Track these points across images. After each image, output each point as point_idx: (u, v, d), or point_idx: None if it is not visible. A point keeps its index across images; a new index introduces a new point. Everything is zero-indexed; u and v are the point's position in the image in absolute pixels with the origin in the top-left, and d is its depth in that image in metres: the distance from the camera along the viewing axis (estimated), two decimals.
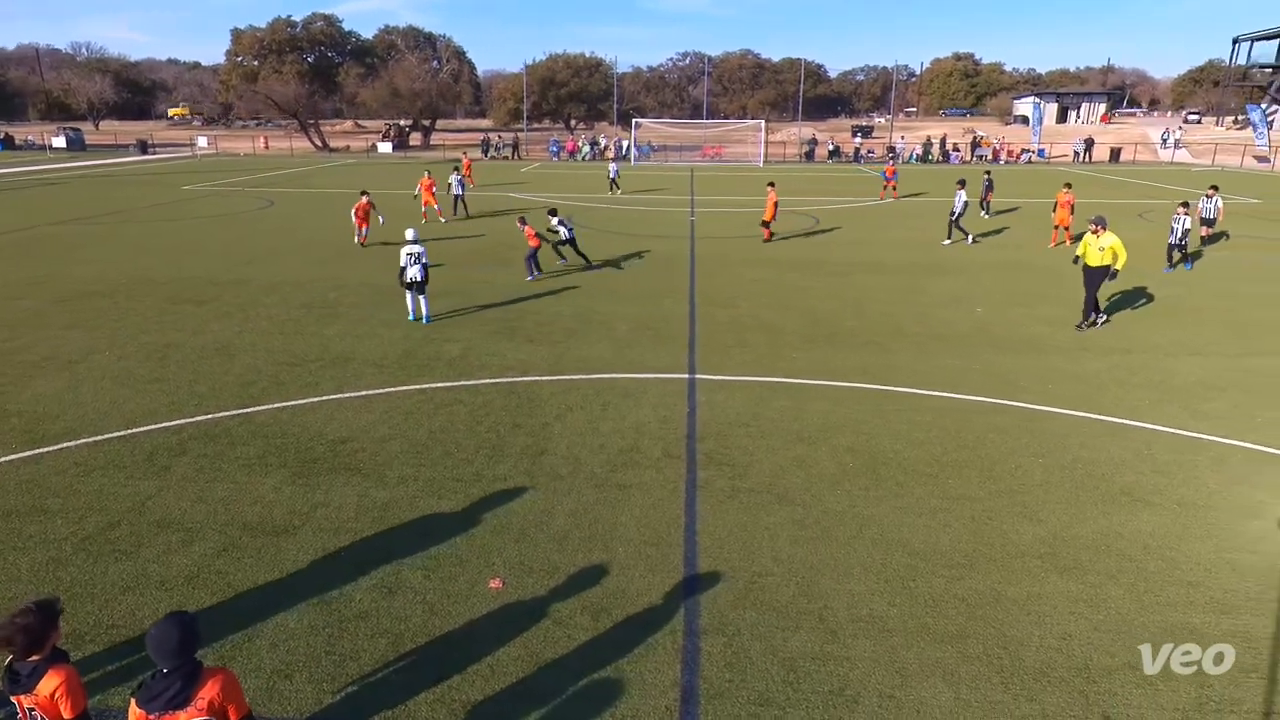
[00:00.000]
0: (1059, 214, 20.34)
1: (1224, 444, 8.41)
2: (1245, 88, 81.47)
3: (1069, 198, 20.25)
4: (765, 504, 7.14)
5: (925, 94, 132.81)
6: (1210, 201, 19.31)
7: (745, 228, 23.81)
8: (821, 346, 11.91)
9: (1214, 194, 19.46)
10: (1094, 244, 12.66)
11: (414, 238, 12.95)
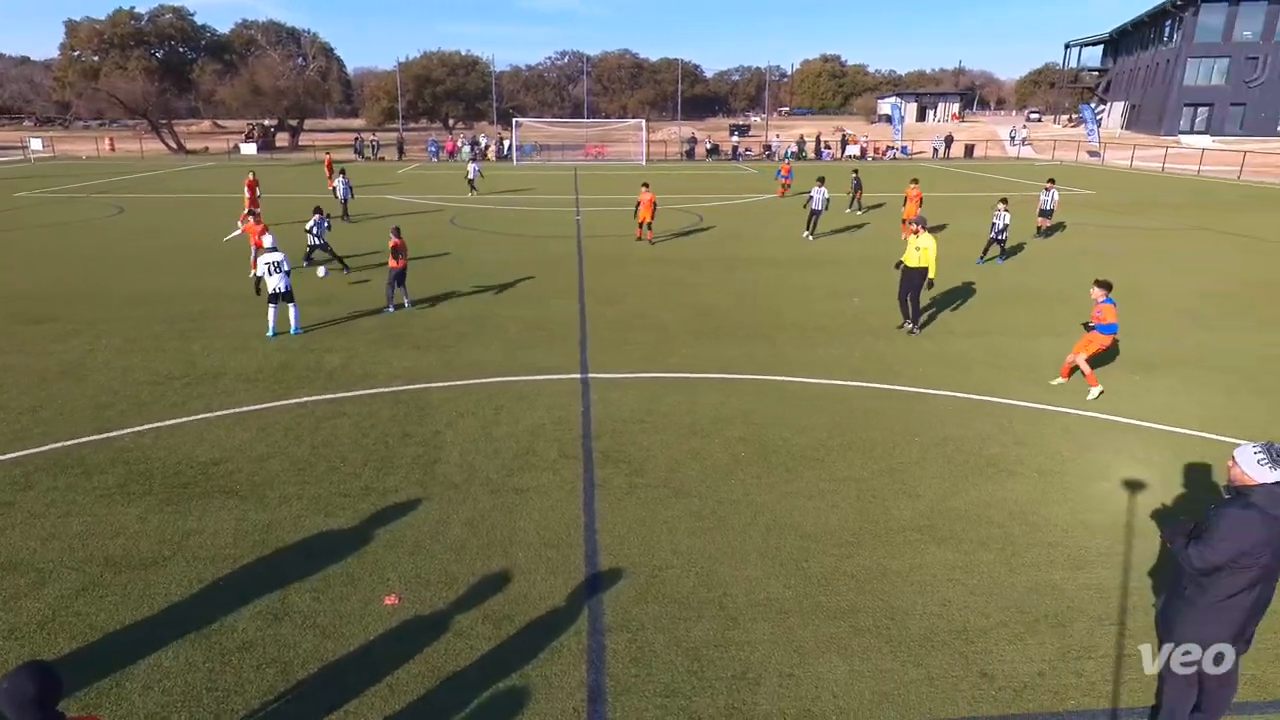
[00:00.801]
0: (908, 208, 21.20)
1: (1073, 414, 9.21)
2: (1077, 89, 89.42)
3: (917, 193, 21.27)
4: (663, 498, 7.24)
5: (797, 94, 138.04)
6: (1048, 194, 21.06)
7: (632, 226, 24.02)
8: (711, 340, 12.18)
9: (1051, 186, 21.23)
10: (913, 244, 12.29)
11: (272, 244, 12.25)
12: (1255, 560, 3.83)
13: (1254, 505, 3.84)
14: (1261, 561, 3.85)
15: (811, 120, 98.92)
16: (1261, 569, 3.87)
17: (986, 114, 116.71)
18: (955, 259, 18.50)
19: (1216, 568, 3.90)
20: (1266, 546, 3.82)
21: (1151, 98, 69.24)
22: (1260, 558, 3.84)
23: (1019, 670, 5.05)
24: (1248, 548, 3.82)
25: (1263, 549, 3.82)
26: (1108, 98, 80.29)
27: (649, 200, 20.54)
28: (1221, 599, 3.95)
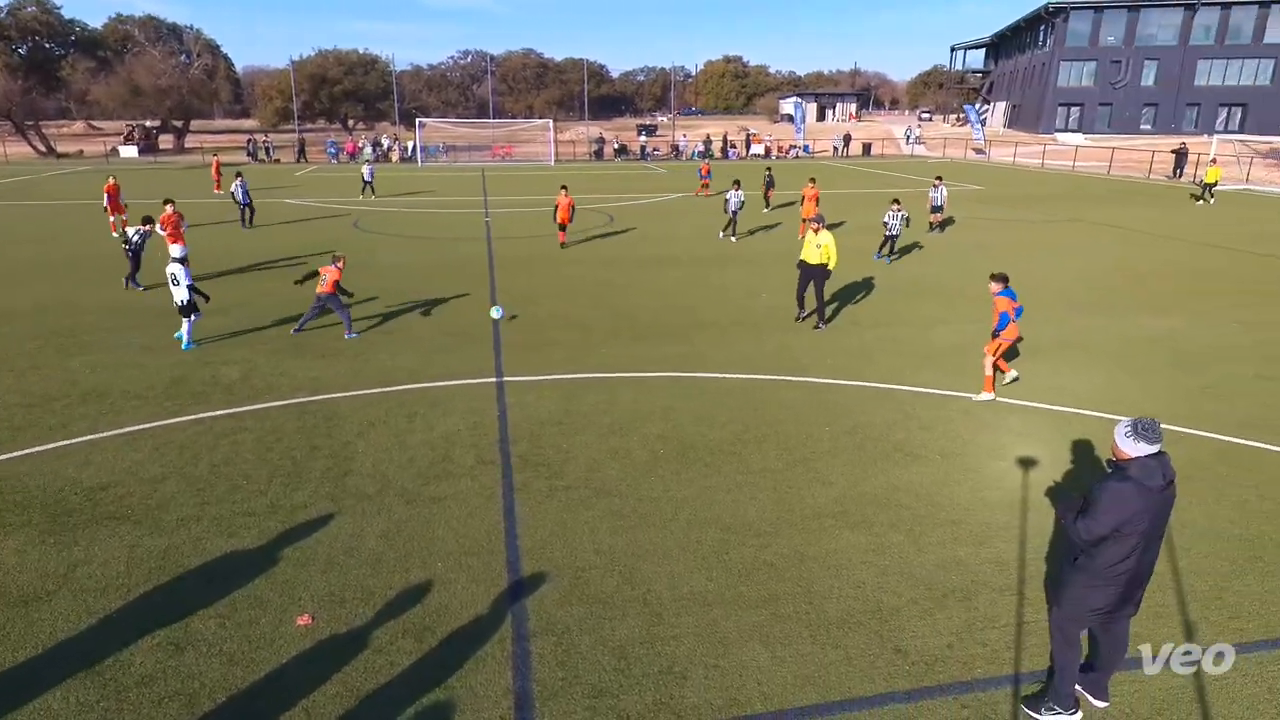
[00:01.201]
0: (805, 207, 21.34)
1: (971, 398, 9.71)
2: (964, 89, 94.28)
3: (814, 191, 21.57)
4: (584, 499, 7.22)
5: (702, 94, 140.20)
6: (937, 190, 22.13)
7: (543, 227, 23.83)
8: (627, 340, 12.23)
9: (940, 183, 22.32)
10: (812, 241, 12.55)
11: (179, 255, 11.59)
12: (1135, 528, 4.12)
13: (1130, 478, 4.12)
14: (1140, 529, 4.14)
15: (717, 120, 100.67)
16: (1140, 536, 4.16)
17: (882, 114, 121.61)
18: (858, 253, 19.23)
19: (1102, 538, 4.18)
20: (1144, 515, 4.11)
21: (1030, 98, 73.74)
22: (1139, 525, 4.12)
23: (930, 644, 5.29)
24: (1127, 517, 4.10)
25: (1141, 517, 4.11)
26: (991, 98, 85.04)
27: (567, 203, 20.19)
28: (1108, 566, 4.23)
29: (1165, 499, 4.17)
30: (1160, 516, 4.20)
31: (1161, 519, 4.22)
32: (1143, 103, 66.86)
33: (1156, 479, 4.09)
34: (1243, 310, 13.92)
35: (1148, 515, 4.12)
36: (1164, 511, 4.21)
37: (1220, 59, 64.29)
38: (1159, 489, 4.10)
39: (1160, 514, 4.19)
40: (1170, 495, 4.19)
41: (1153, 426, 4.15)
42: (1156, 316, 13.48)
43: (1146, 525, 4.15)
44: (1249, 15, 62.98)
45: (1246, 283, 16.24)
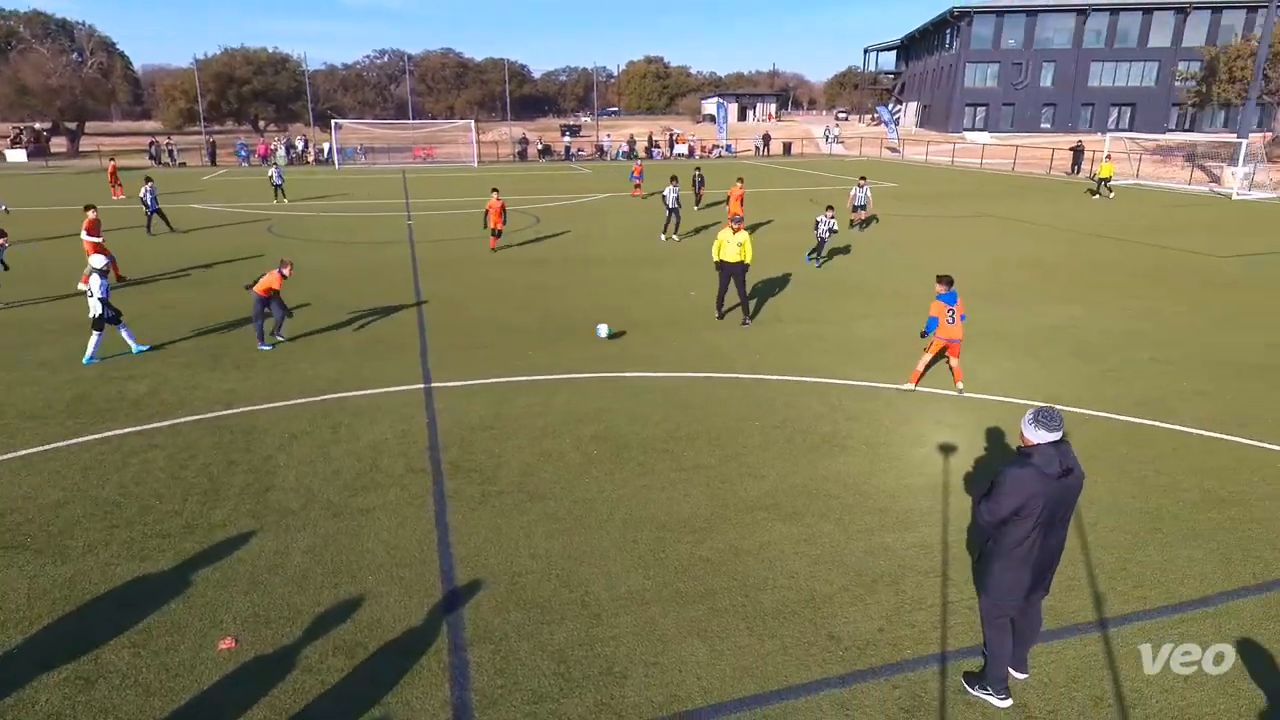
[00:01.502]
0: (731, 206, 21.46)
1: (893, 389, 10.04)
2: (877, 90, 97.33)
3: (740, 191, 21.81)
4: (518, 503, 7.14)
5: (624, 94, 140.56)
6: (861, 190, 22.82)
7: (468, 228, 23.46)
8: (557, 341, 12.16)
9: (864, 183, 23.02)
10: (731, 240, 12.69)
11: (99, 266, 10.93)
12: (1032, 512, 4.30)
13: (1031, 464, 4.31)
14: (1039, 513, 4.31)
15: (640, 120, 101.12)
16: (1040, 519, 4.32)
17: (800, 114, 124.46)
18: (785, 250, 19.64)
19: (1003, 520, 4.39)
20: (1042, 499, 4.29)
21: (939, 98, 76.72)
22: (1037, 509, 4.29)
23: (861, 629, 5.45)
24: (1025, 501, 4.29)
25: (1039, 501, 4.28)
26: (903, 98, 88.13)
27: (499, 206, 19.49)
28: (1013, 548, 4.41)
29: (1064, 486, 4.34)
30: (1061, 502, 4.36)
31: (1063, 505, 4.39)
32: (1042, 103, 70.39)
33: (1054, 466, 4.28)
34: (1136, 299, 14.82)
35: (1046, 500, 4.29)
36: (1065, 498, 4.37)
37: (1110, 61, 68.32)
38: (1056, 476, 4.29)
39: (1061, 500, 4.35)
40: (1071, 482, 4.37)
41: (1052, 415, 4.36)
42: (1059, 305, 14.22)
43: (1046, 510, 4.31)
44: (1134, 21, 67.13)
45: (1139, 272, 17.30)
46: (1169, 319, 13.35)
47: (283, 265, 11.72)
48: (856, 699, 4.81)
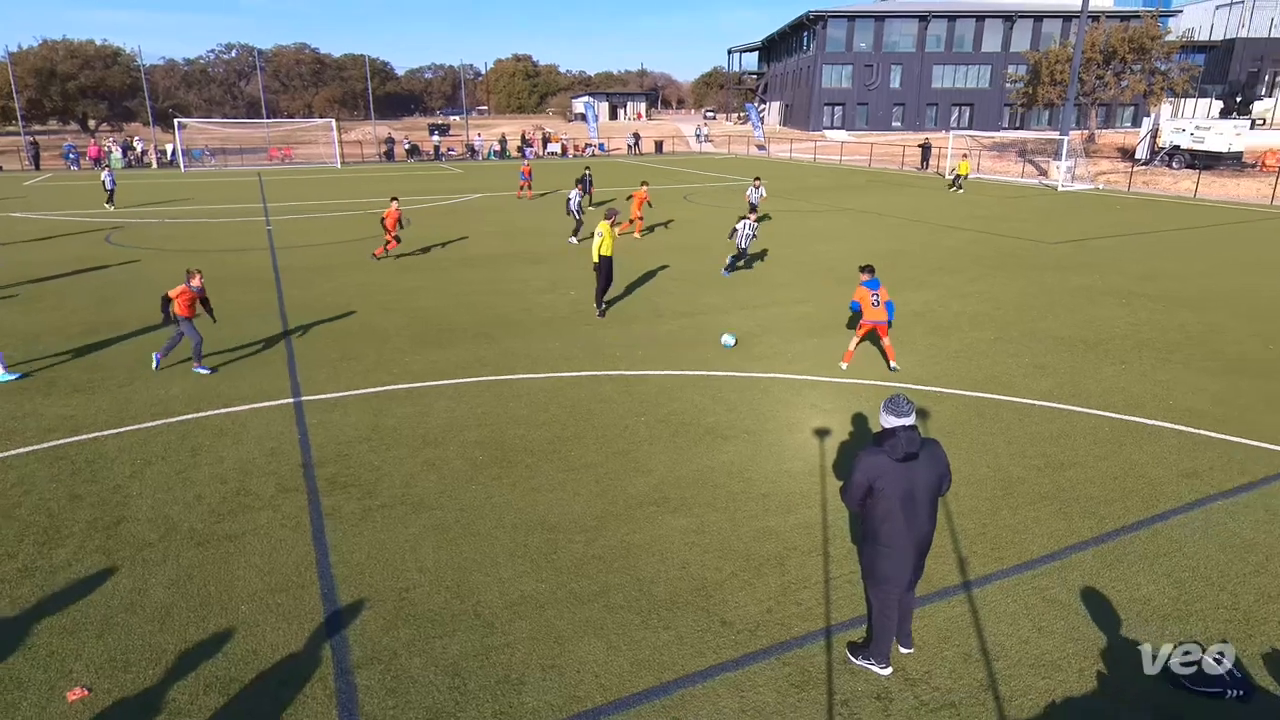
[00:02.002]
0: (633, 207, 22.03)
1: (770, 378, 10.42)
2: (742, 90, 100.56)
3: (643, 194, 22.24)
4: (402, 516, 6.90)
5: (494, 93, 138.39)
6: (757, 190, 23.67)
7: (333, 232, 22.43)
8: (434, 345, 11.83)
9: (759, 183, 23.94)
10: (610, 236, 13.25)
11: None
12: (886, 494, 4.56)
13: (883, 449, 4.57)
14: (893, 495, 4.54)
15: (511, 119, 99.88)
16: (897, 502, 4.55)
17: (670, 113, 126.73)
18: (664, 247, 19.95)
19: (862, 503, 4.68)
20: (894, 482, 4.53)
21: (799, 98, 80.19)
22: (889, 491, 4.55)
23: (751, 612, 5.63)
24: (875, 483, 4.56)
25: (890, 483, 4.54)
26: (767, 98, 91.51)
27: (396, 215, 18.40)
28: (880, 530, 4.66)
29: (914, 469, 4.56)
30: (915, 485, 4.57)
31: (918, 488, 4.59)
32: (892, 103, 74.99)
33: (900, 450, 4.52)
34: (980, 283, 16.07)
35: (896, 484, 4.54)
36: (917, 481, 4.58)
37: (950, 64, 73.66)
38: (902, 459, 4.53)
39: (914, 482, 4.57)
40: (922, 466, 4.58)
41: (899, 402, 4.61)
42: (915, 291, 15.21)
43: (900, 492, 4.55)
44: (969, 27, 72.70)
45: (983, 258, 18.76)
46: (1009, 300, 14.56)
47: (190, 276, 10.59)
48: (750, 680, 4.97)
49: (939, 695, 4.85)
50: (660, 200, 30.21)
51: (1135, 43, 44.72)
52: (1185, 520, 6.80)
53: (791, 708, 4.75)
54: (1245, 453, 8.09)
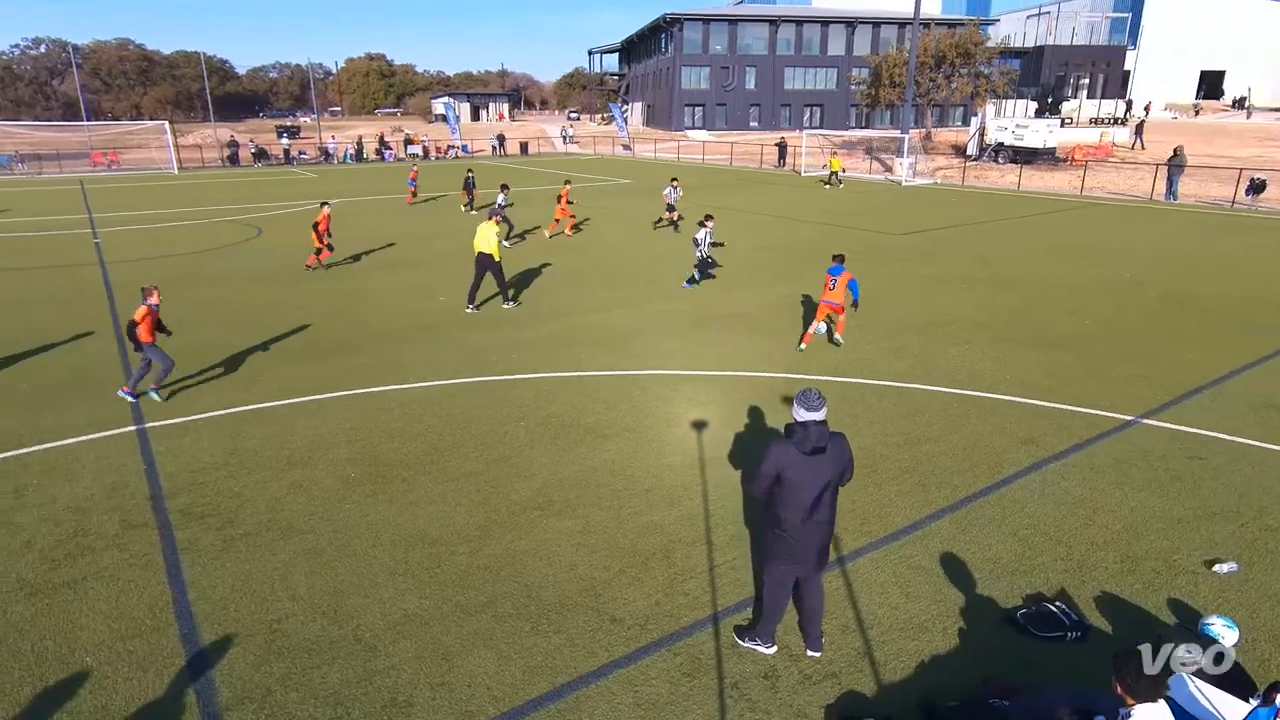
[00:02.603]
0: (559, 207, 22.47)
1: (647, 375, 10.57)
2: (604, 91, 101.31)
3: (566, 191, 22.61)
4: (269, 543, 6.49)
5: (346, 93, 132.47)
6: (674, 191, 24.02)
7: (176, 244, 20.74)
8: (295, 360, 11.18)
9: (675, 184, 24.33)
10: (490, 232, 13.46)
11: None
12: (791, 484, 4.71)
13: (791, 441, 4.69)
14: (795, 484, 4.68)
15: (368, 120, 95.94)
16: (801, 492, 4.68)
17: (533, 113, 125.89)
18: (536, 250, 19.77)
19: (767, 491, 4.81)
20: (799, 473, 4.66)
21: (661, 99, 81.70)
22: (794, 481, 4.67)
23: (640, 607, 5.70)
24: (781, 473, 4.71)
25: (795, 474, 4.66)
26: (629, 99, 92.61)
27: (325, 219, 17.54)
28: (778, 520, 4.83)
29: (820, 462, 4.67)
30: (820, 478, 4.69)
31: (823, 481, 4.70)
32: (749, 103, 77.83)
33: (809, 444, 4.65)
34: None
35: (800, 473, 4.69)
36: (824, 474, 4.70)
37: (800, 67, 77.32)
38: (808, 451, 4.65)
39: (820, 475, 4.69)
40: (828, 460, 4.69)
41: (810, 397, 4.71)
42: (782, 284, 15.87)
43: (804, 483, 4.68)
44: (816, 31, 76.60)
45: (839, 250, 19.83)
46: (866, 290, 15.45)
47: (147, 294, 9.46)
48: (643, 674, 5.03)
49: (821, 668, 5.09)
50: (533, 202, 29.94)
51: (961, 48, 48.61)
52: (1025, 483, 7.48)
53: (684, 696, 4.85)
54: (1071, 418, 9.00)
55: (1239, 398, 9.57)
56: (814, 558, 4.90)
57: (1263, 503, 7.06)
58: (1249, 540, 6.47)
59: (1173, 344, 11.71)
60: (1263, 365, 10.75)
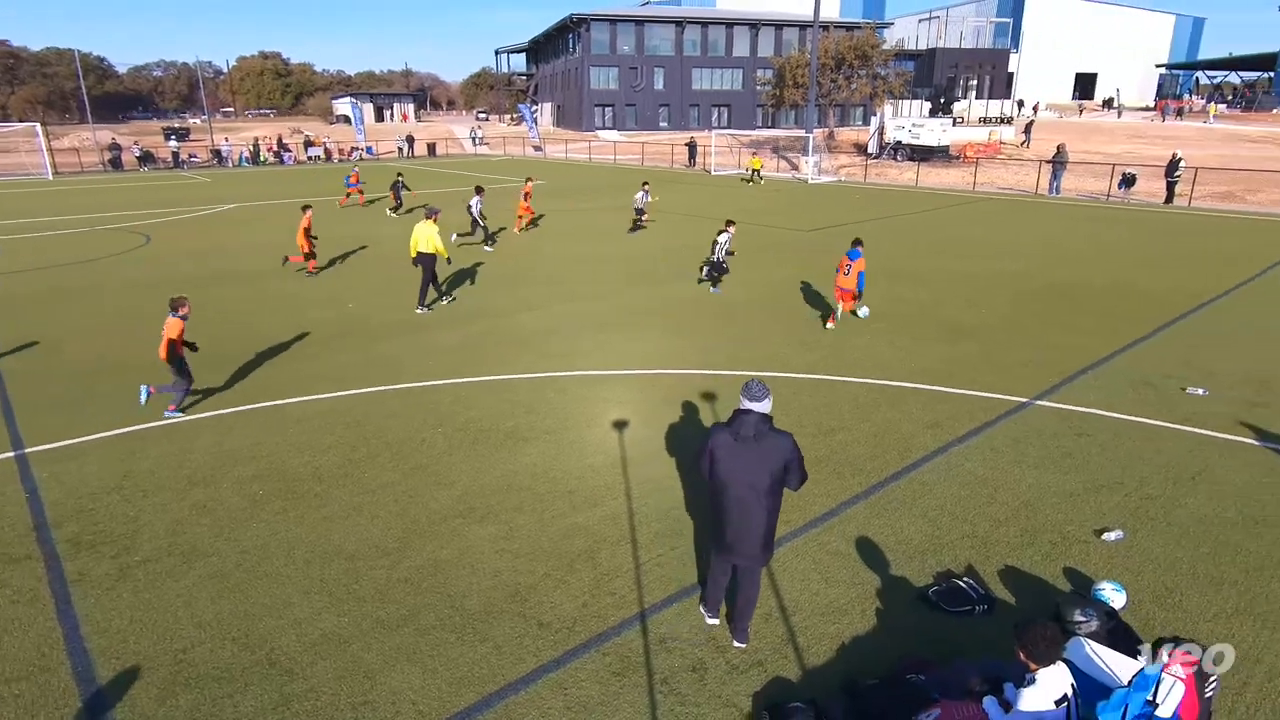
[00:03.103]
0: (520, 204, 22.76)
1: (565, 376, 10.52)
2: (513, 91, 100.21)
3: (529, 187, 23.06)
4: (170, 569, 6.13)
5: (239, 93, 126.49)
6: (645, 196, 23.85)
7: (50, 254, 19.31)
8: (194, 374, 10.58)
9: (648, 187, 24.23)
10: (429, 231, 13.64)
11: None
12: (720, 467, 4.85)
13: (729, 427, 4.85)
14: (723, 468, 4.84)
15: (265, 122, 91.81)
16: (724, 476, 4.85)
17: (440, 114, 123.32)
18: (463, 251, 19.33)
19: (707, 473, 4.96)
20: (730, 459, 4.81)
21: (570, 99, 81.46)
22: (727, 466, 4.82)
23: (568, 610, 5.67)
24: (715, 453, 4.85)
25: (727, 460, 4.82)
26: (539, 99, 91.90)
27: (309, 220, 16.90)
28: (712, 501, 5.00)
29: (751, 452, 4.75)
30: (751, 469, 4.77)
31: (754, 472, 4.78)
32: (658, 103, 78.50)
33: (739, 432, 4.78)
34: (753, 270, 17.34)
35: (731, 458, 4.80)
36: (756, 466, 4.76)
37: (707, 67, 78.53)
38: (742, 439, 4.77)
39: (750, 466, 4.77)
40: (761, 452, 4.76)
41: (752, 388, 4.84)
42: (693, 282, 16.08)
43: (734, 469, 4.80)
44: (721, 33, 77.94)
45: (752, 247, 20.25)
46: (777, 285, 15.85)
47: (177, 306, 8.89)
48: (572, 676, 5.01)
49: (747, 657, 5.19)
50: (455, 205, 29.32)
51: (859, 50, 50.44)
52: (933, 466, 7.83)
53: (614, 696, 4.85)
54: (971, 402, 9.47)
55: (1119, 377, 10.29)
56: (745, 550, 4.96)
57: (1143, 473, 7.63)
58: (1132, 509, 6.98)
59: (1060, 329, 12.50)
60: (1138, 346, 11.60)
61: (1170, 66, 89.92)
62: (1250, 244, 20.12)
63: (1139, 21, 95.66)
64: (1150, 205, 28.26)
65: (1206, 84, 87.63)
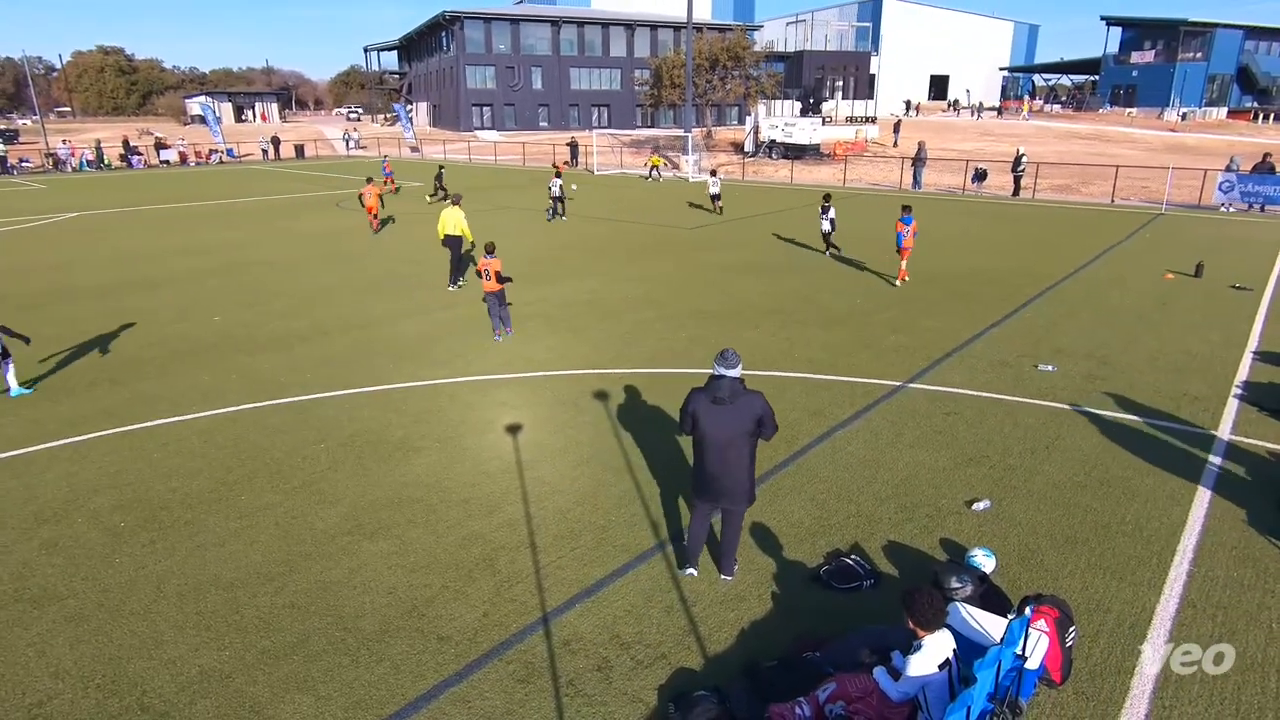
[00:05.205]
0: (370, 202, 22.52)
1: (453, 383, 10.28)
2: (385, 90, 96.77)
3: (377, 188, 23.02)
4: (18, 616, 5.56)
5: (77, 91, 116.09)
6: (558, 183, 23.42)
7: None
8: (40, 399, 9.64)
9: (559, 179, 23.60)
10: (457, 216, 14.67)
11: None
12: (699, 426, 5.50)
13: (706, 391, 5.51)
14: (701, 427, 5.49)
15: (108, 122, 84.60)
16: (702, 434, 5.50)
17: (307, 114, 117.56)
18: (317, 259, 18.46)
19: (689, 432, 5.61)
20: (707, 419, 5.46)
21: (446, 98, 79.50)
22: (703, 424, 5.47)
23: (468, 620, 5.55)
24: (694, 414, 5.50)
25: (704, 419, 5.46)
26: (413, 98, 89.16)
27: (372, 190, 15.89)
28: (694, 455, 5.67)
29: (726, 413, 5.42)
30: (727, 427, 5.44)
31: (731, 430, 5.45)
32: (537, 103, 77.84)
33: (714, 395, 5.46)
34: (636, 267, 17.53)
35: (708, 418, 5.46)
36: (731, 424, 5.43)
37: (585, 68, 78.54)
38: (712, 400, 5.45)
39: (726, 424, 5.43)
40: (735, 412, 5.42)
41: (726, 356, 5.51)
42: (583, 280, 16.08)
43: (711, 428, 5.46)
44: (597, 33, 78.15)
45: (635, 245, 20.46)
46: (662, 281, 16.09)
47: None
48: (475, 688, 4.90)
49: (651, 651, 5.25)
50: (308, 209, 27.97)
51: (732, 52, 51.86)
52: (818, 451, 8.17)
53: (520, 704, 4.79)
54: (851, 388, 9.95)
55: (980, 357, 11.09)
56: (729, 495, 5.62)
57: (1004, 445, 8.25)
58: (997, 479, 7.54)
59: (927, 315, 13.32)
60: (996, 329, 12.54)
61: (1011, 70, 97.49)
62: (1085, 231, 22.15)
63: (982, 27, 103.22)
64: (1000, 198, 30.57)
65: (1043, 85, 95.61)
